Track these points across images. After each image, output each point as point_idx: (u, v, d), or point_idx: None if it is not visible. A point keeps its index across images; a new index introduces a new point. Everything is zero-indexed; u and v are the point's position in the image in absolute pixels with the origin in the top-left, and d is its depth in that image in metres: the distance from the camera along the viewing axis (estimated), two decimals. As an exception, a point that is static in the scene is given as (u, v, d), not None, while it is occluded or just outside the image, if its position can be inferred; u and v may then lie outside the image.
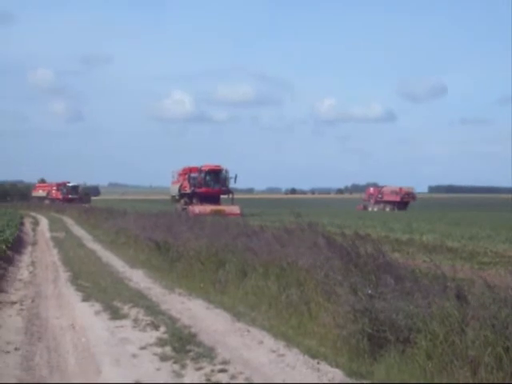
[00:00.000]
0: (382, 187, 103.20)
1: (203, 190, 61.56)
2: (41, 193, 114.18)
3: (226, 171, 63.10)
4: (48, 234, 38.07)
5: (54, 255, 25.48)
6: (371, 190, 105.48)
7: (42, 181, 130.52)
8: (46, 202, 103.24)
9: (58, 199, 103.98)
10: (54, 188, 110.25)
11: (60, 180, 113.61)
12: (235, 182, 62.60)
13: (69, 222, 54.63)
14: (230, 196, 62.86)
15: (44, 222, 52.89)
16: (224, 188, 62.60)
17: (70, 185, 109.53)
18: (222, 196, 63.41)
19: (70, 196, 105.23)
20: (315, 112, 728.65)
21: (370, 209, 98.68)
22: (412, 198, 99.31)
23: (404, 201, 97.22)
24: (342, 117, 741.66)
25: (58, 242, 31.38)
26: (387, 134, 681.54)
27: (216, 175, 62.98)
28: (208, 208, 56.13)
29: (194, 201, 61.56)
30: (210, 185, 62.25)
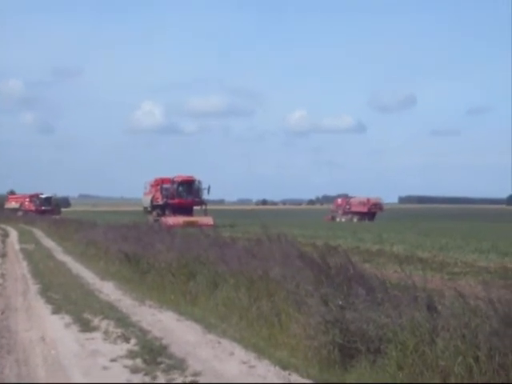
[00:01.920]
0: (350, 198, 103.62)
1: (176, 201, 61.25)
2: (14, 204, 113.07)
3: (199, 182, 62.85)
4: (17, 246, 37.74)
5: (23, 267, 25.28)
6: (339, 200, 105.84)
7: (12, 192, 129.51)
8: (19, 213, 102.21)
9: (31, 211, 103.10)
10: (27, 200, 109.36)
11: (30, 191, 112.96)
12: (208, 193, 62.37)
13: (38, 233, 54.24)
14: (203, 207, 62.64)
15: (14, 234, 52.45)
16: (197, 199, 62.32)
17: (43, 196, 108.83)
18: (194, 207, 63.21)
19: (42, 207, 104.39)
20: (286, 123, 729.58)
21: (338, 219, 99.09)
22: (379, 208, 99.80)
23: (371, 211, 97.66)
24: (314, 128, 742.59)
25: (27, 254, 31.13)
26: (358, 145, 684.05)
27: (189, 186, 62.71)
28: (181, 219, 55.94)
29: (167, 212, 61.24)
30: (182, 196, 61.94)
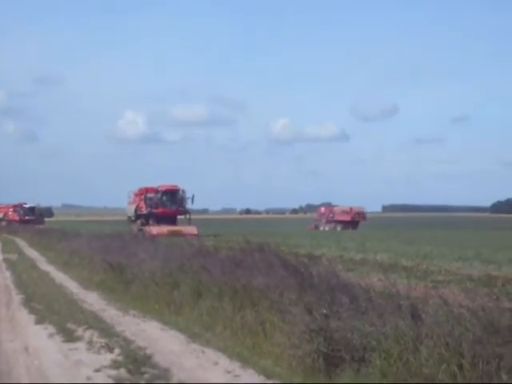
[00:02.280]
0: (333, 207, 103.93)
1: (160, 210, 61.24)
2: None
3: (183, 191, 62.93)
4: (0, 256, 37.57)
5: (6, 278, 25.17)
6: (322, 209, 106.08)
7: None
8: (3, 223, 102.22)
9: (15, 220, 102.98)
10: (11, 209, 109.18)
11: (14, 201, 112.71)
12: (193, 202, 62.48)
13: (22, 243, 54.01)
14: (187, 216, 62.63)
15: (-4, 244, 52.23)
16: (181, 208, 62.32)
17: (27, 206, 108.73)
18: (178, 216, 63.17)
19: (26, 217, 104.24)
20: (269, 132, 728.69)
21: (321, 228, 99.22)
22: (362, 217, 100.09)
23: (355, 220, 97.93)
24: (297, 137, 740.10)
25: (10, 264, 30.99)
26: (341, 153, 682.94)
27: (173, 195, 62.75)
28: (165, 229, 55.94)
29: (151, 221, 61.20)
30: (166, 205, 61.95)
